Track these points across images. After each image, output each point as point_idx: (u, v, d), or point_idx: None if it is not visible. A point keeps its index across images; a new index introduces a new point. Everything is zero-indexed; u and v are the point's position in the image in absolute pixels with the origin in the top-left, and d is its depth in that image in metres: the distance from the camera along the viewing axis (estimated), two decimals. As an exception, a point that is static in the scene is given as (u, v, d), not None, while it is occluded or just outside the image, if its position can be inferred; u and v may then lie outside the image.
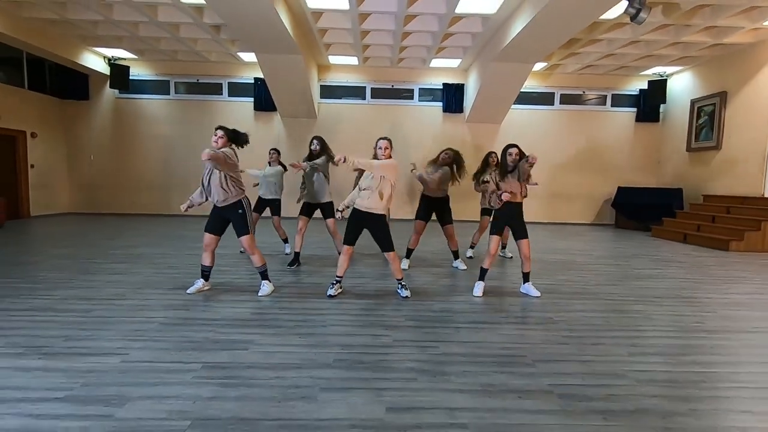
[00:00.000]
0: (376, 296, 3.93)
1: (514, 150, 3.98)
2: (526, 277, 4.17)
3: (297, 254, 5.22)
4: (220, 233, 3.91)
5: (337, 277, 3.97)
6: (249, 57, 10.00)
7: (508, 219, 4.08)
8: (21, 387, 2.13)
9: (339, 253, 5.09)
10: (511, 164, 3.96)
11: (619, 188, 10.89)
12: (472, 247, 6.15)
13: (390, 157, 3.83)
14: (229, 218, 3.87)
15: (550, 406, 2.07)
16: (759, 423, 1.98)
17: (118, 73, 10.25)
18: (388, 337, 2.93)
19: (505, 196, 3.85)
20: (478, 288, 4.10)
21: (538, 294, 4.07)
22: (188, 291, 3.90)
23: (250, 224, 4.30)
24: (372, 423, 1.89)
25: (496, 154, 5.77)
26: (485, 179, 4.01)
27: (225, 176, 3.74)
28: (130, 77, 10.44)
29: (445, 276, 4.87)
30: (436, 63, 10.38)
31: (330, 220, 5.17)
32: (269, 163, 6.07)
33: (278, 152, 6.16)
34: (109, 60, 10.35)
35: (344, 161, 3.54)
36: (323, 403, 2.05)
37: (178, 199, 11.00)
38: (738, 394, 2.25)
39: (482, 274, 4.15)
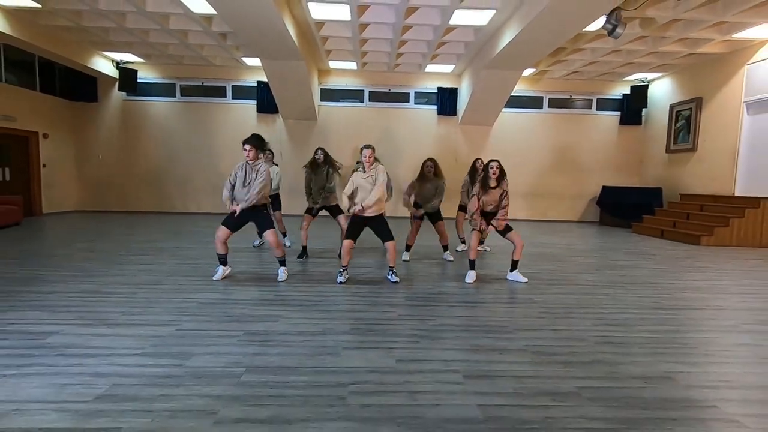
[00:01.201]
0: (380, 283, 4.48)
1: (495, 164, 4.53)
2: (515, 265, 4.73)
3: (305, 248, 5.75)
4: (235, 230, 4.42)
5: (343, 266, 4.51)
6: (252, 61, 10.50)
7: (486, 221, 4.70)
8: (103, 347, 2.66)
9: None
10: (492, 177, 4.51)
11: (604, 187, 11.53)
12: (462, 242, 6.71)
13: (372, 163, 4.44)
14: (252, 219, 4.43)
15: (523, 358, 2.64)
16: (682, 369, 2.57)
17: (127, 77, 10.71)
18: (393, 312, 3.49)
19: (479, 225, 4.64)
20: (470, 276, 4.65)
21: (525, 280, 4.64)
22: (214, 278, 4.43)
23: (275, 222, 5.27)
24: (386, 369, 2.45)
25: (481, 160, 6.36)
26: (473, 194, 4.57)
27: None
28: (138, 80, 10.90)
29: (440, 266, 5.43)
30: (430, 68, 10.94)
31: (341, 217, 5.64)
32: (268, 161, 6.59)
33: (272, 153, 6.58)
34: (118, 64, 10.80)
35: (361, 210, 4.36)
36: (346, 357, 2.60)
37: (183, 198, 11.50)
38: (672, 351, 2.84)
39: (471, 265, 4.71)
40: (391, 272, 4.56)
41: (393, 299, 3.88)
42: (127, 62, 10.84)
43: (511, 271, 4.77)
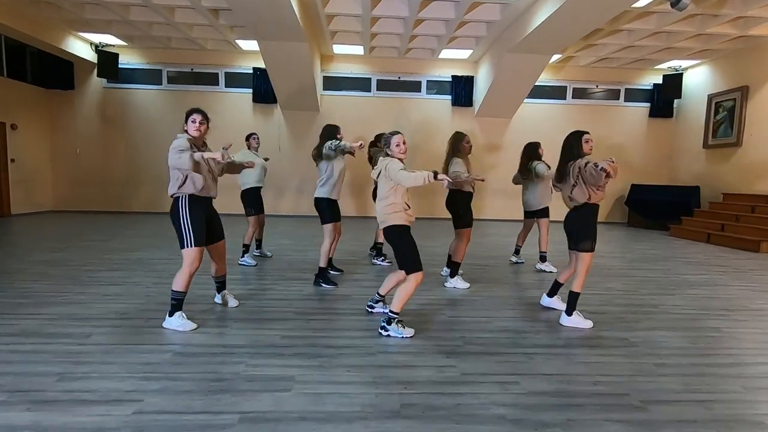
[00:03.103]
0: (420, 315, 3.42)
1: (590, 136, 3.36)
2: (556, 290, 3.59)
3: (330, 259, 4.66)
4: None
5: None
6: (248, 45, 9.40)
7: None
8: (6, 459, 1.61)
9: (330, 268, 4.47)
10: (588, 153, 3.35)
11: (633, 186, 10.56)
12: (517, 252, 5.64)
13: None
14: (212, 217, 3.23)
15: (702, 475, 1.62)
16: None
17: (107, 61, 9.55)
18: (453, 368, 2.45)
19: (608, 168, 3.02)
20: (580, 321, 3.28)
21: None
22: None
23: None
24: None
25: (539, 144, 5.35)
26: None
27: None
28: (119, 65, 9.73)
29: (482, 287, 4.39)
30: (445, 54, 9.88)
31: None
32: (251, 148, 5.36)
33: (258, 140, 5.45)
34: (97, 47, 9.63)
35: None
36: (412, 476, 1.57)
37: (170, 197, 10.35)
38: None
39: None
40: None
41: (445, 343, 2.84)
42: (107, 45, 9.67)
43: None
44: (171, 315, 2.99)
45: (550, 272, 5.05)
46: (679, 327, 3.28)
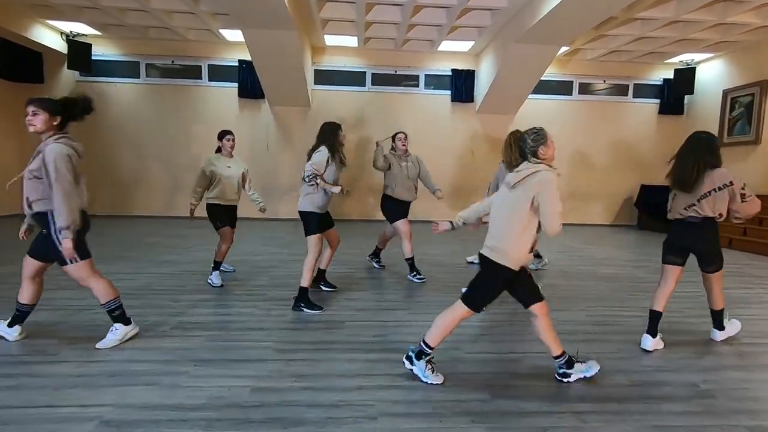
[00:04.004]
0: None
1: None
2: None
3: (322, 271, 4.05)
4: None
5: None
6: (233, 36, 8.69)
7: None
8: None
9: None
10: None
11: (643, 186, 9.99)
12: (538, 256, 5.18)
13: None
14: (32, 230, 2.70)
15: None
16: None
17: (78, 52, 8.78)
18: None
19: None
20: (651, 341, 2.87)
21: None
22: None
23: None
24: None
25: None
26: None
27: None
28: (93, 57, 8.97)
29: (497, 310, 3.71)
30: (445, 46, 9.23)
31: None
32: (225, 151, 4.27)
33: (232, 138, 4.34)
34: (67, 36, 8.86)
35: None
36: None
37: (146, 198, 9.64)
38: None
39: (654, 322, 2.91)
40: (424, 356, 2.31)
41: (467, 396, 2.17)
42: (79, 34, 8.91)
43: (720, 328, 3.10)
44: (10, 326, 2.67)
45: (546, 264, 5.26)
46: (753, 365, 2.65)
